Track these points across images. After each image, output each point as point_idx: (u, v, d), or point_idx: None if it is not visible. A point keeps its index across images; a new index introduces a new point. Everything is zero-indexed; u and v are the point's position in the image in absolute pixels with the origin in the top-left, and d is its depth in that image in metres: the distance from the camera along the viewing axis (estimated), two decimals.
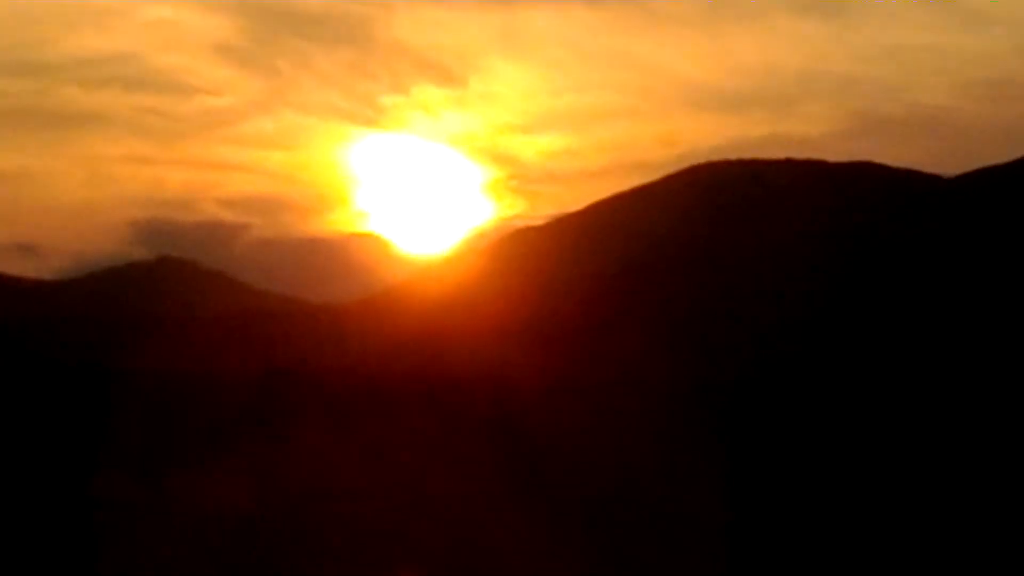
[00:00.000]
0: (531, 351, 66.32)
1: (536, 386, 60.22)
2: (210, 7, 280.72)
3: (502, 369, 62.74)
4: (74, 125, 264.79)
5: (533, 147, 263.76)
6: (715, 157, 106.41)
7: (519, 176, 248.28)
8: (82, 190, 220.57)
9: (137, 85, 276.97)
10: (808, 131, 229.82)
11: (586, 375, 60.09)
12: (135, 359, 72.64)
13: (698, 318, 73.52)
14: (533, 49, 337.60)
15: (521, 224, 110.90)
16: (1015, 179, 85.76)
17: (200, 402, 71.06)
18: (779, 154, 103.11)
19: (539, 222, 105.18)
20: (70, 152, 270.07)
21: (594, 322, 73.26)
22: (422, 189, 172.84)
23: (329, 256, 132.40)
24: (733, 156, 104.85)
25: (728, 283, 78.49)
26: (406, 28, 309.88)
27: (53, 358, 65.02)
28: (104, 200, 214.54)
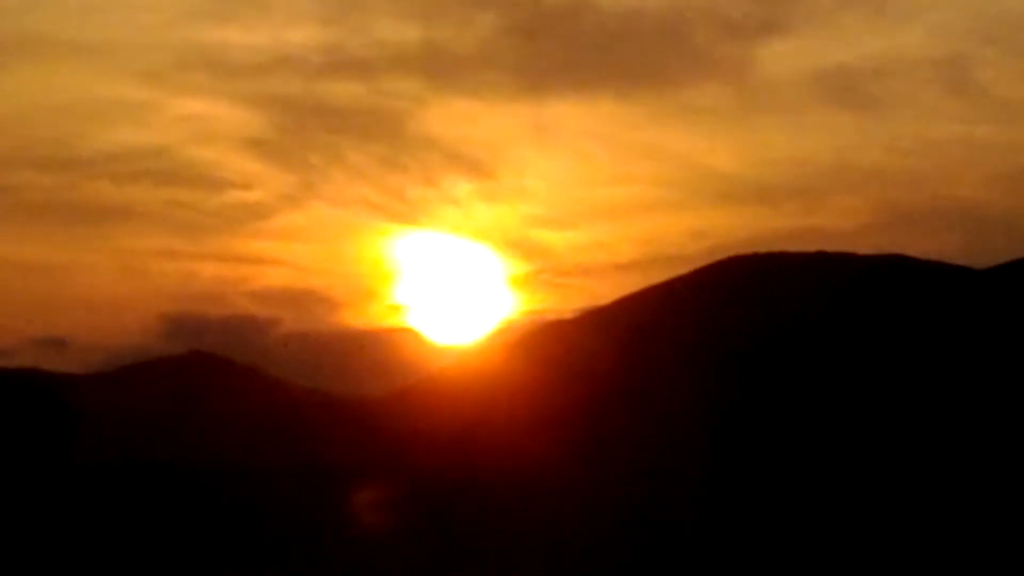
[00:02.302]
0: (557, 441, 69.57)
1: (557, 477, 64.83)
2: (242, 102, 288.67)
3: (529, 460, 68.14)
4: (105, 219, 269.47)
5: (563, 240, 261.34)
6: (746, 250, 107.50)
7: (549, 269, 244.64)
8: (112, 284, 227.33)
9: (168, 179, 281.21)
10: (840, 224, 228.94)
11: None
12: (174, 454, 77.81)
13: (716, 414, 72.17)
14: (563, 142, 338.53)
15: (552, 317, 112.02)
16: None
17: (244, 496, 72.96)
18: (811, 247, 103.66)
19: (569, 315, 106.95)
20: (101, 246, 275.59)
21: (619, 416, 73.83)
22: (453, 282, 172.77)
23: (361, 349, 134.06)
24: (764, 249, 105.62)
25: (749, 374, 78.42)
26: (436, 122, 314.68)
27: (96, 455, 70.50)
28: (134, 293, 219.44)
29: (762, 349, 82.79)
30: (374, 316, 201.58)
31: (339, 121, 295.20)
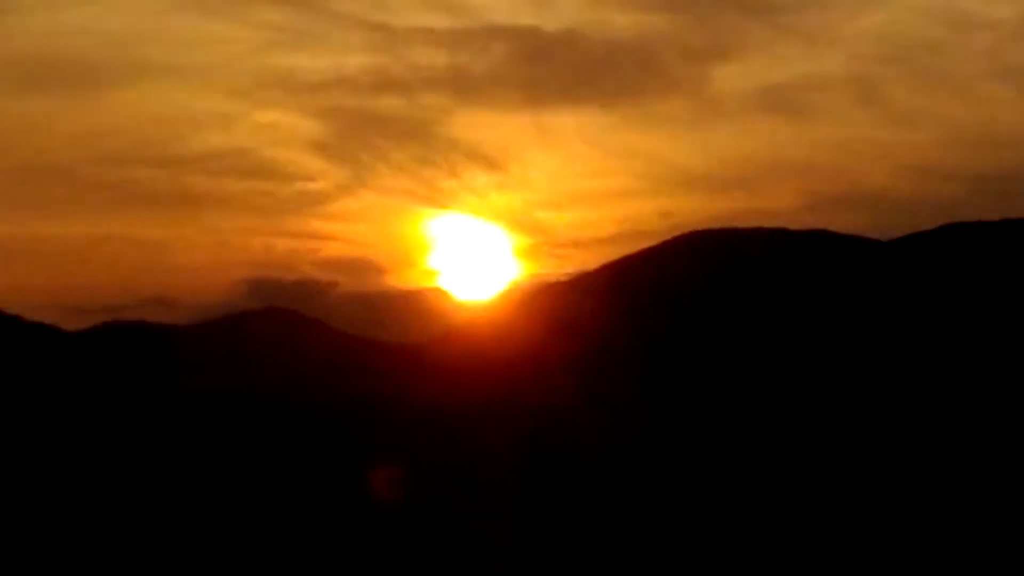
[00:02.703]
0: (556, 376, 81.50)
1: (559, 401, 75.95)
2: (307, 112, 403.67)
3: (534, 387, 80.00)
4: (200, 204, 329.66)
5: (559, 220, 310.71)
6: (702, 227, 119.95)
7: (547, 242, 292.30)
8: (206, 255, 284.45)
9: (249, 173, 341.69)
10: (775, 206, 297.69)
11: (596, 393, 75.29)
12: (257, 388, 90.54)
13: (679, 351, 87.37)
14: (558, 143, 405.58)
15: (549, 280, 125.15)
16: (939, 242, 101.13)
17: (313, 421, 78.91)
18: (753, 224, 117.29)
19: (563, 278, 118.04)
20: (195, 226, 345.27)
21: (601, 357, 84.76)
22: (473, 252, 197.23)
23: (403, 305, 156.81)
24: (716, 225, 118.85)
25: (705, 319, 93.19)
26: (460, 127, 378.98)
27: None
28: (224, 262, 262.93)
29: (716, 299, 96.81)
30: (412, 279, 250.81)
31: (384, 127, 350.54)
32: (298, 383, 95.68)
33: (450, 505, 57.44)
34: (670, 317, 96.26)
